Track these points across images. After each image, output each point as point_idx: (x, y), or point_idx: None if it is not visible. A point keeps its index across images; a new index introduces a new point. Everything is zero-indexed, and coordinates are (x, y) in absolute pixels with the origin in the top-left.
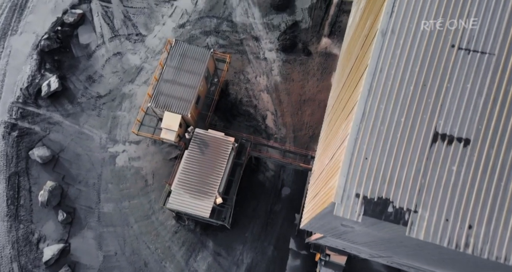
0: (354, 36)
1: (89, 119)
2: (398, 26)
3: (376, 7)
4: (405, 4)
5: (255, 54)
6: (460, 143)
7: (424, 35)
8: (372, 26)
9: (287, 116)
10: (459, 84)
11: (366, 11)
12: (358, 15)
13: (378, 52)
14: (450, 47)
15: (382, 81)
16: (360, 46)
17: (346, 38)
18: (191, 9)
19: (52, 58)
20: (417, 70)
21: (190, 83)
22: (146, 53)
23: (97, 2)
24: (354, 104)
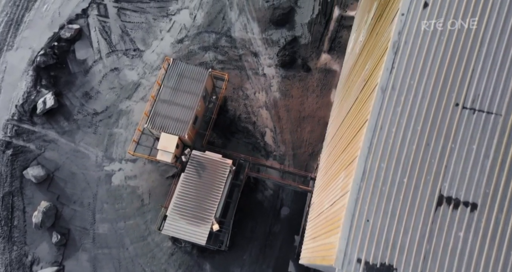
0: (354, 71)
1: (85, 137)
2: (399, 83)
3: (376, 53)
4: (405, 61)
5: (254, 70)
6: (467, 208)
7: (426, 93)
8: (371, 73)
9: (286, 133)
10: (464, 145)
11: (366, 50)
12: (358, 47)
13: (378, 108)
14: (454, 105)
15: (383, 139)
16: (359, 89)
17: (346, 64)
18: (190, 24)
19: (48, 74)
20: (419, 129)
21: (187, 104)
22: (144, 68)
23: (94, 16)
24: (354, 158)
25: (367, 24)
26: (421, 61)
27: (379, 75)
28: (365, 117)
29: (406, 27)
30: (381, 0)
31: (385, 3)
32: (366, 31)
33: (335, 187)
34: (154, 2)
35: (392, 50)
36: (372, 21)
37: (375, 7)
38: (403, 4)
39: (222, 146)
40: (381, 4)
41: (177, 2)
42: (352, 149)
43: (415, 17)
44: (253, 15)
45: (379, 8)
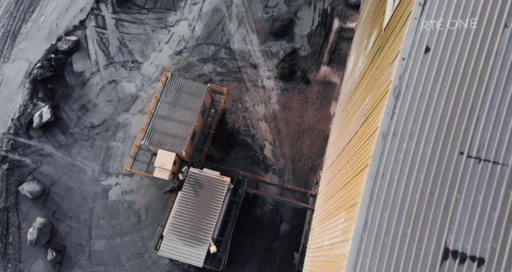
0: (354, 98)
1: (81, 151)
2: (401, 129)
3: (377, 91)
4: (407, 106)
5: (253, 82)
6: (474, 263)
7: (429, 140)
8: (371, 111)
9: (285, 146)
10: (470, 196)
11: (366, 81)
12: (357, 73)
13: (379, 155)
14: (458, 154)
15: (385, 187)
16: (359, 122)
17: (346, 85)
18: (189, 35)
19: (45, 87)
20: (422, 178)
21: (185, 120)
22: (142, 81)
23: (92, 28)
24: (354, 202)
25: (367, 51)
26: (423, 107)
27: (380, 118)
28: (365, 161)
29: (407, 72)
30: (381, 33)
31: (385, 37)
32: (366, 58)
33: (335, 224)
34: (153, 13)
35: (393, 94)
36: (372, 51)
37: (375, 36)
38: (404, 48)
39: (220, 159)
40: (381, 36)
41: (175, 13)
42: (353, 191)
43: (417, 62)
44: (252, 27)
45: (379, 40)
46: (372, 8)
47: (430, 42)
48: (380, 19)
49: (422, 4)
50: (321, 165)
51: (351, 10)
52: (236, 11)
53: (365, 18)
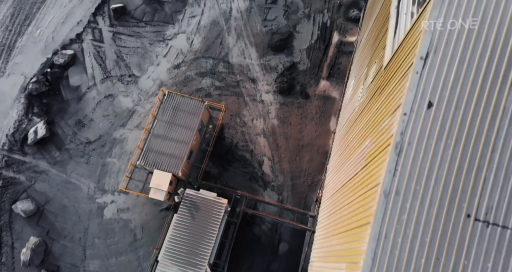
0: (353, 132)
1: (77, 167)
2: (403, 188)
3: (377, 140)
4: (409, 164)
5: (251, 96)
6: None
7: (434, 201)
8: (372, 158)
9: (284, 162)
10: (478, 262)
11: (366, 120)
12: (357, 104)
13: (382, 215)
14: (465, 216)
15: (388, 250)
16: (359, 164)
17: (345, 110)
18: (187, 49)
19: (41, 102)
20: (428, 241)
21: (182, 139)
22: (139, 95)
23: (89, 41)
24: (356, 261)
25: (367, 83)
26: (427, 165)
27: (381, 174)
28: (366, 218)
29: (409, 128)
30: (381, 70)
31: (386, 79)
32: (365, 91)
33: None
34: (150, 26)
35: (394, 151)
36: (372, 87)
37: (374, 71)
38: (406, 103)
39: (218, 176)
40: (381, 75)
41: (173, 27)
42: (354, 245)
43: (419, 118)
44: (251, 40)
45: (379, 79)
46: (372, 36)
47: (433, 97)
48: (380, 53)
49: (423, 58)
50: (321, 183)
51: (350, 23)
52: (234, 25)
53: (365, 43)
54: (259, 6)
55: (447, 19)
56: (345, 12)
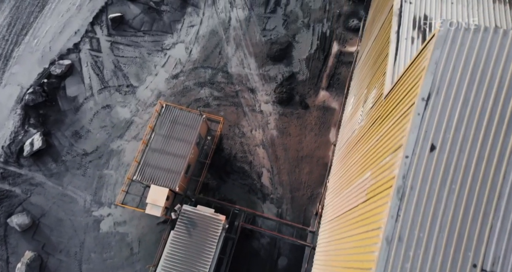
0: (353, 157)
1: (73, 179)
2: (406, 235)
3: (378, 178)
4: (412, 209)
5: (250, 107)
6: None
7: (439, 249)
8: (374, 195)
9: (284, 174)
10: None
11: (365, 150)
12: (357, 128)
13: (384, 262)
14: (471, 267)
15: None
16: (360, 198)
17: (344, 129)
18: (185, 59)
19: (37, 113)
20: None
21: (179, 153)
22: (137, 105)
23: (86, 51)
24: None
25: (366, 108)
26: (430, 211)
27: (383, 218)
28: (369, 264)
29: (412, 172)
30: (381, 99)
31: (386, 111)
32: (365, 117)
33: None
34: (149, 36)
35: (396, 195)
36: (371, 114)
37: (374, 97)
38: (407, 145)
39: (216, 188)
40: (382, 105)
41: (172, 36)
42: None
43: (422, 161)
44: (250, 50)
45: (379, 108)
46: (372, 56)
47: (435, 139)
48: (380, 79)
49: (425, 99)
50: (320, 196)
51: (350, 33)
52: (233, 34)
53: (365, 62)
54: (258, 16)
55: (449, 59)
56: (344, 21)
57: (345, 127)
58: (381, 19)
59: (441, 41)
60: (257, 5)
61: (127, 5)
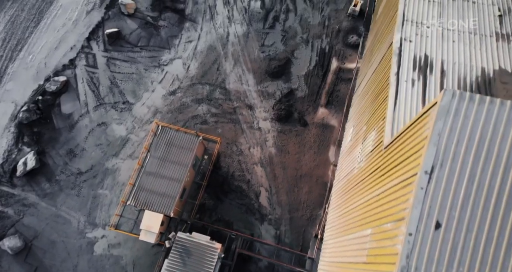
0: (354, 202)
1: (67, 200)
2: None
3: (381, 235)
4: None
5: (248, 124)
6: None
7: None
8: (375, 259)
9: (282, 194)
10: None
11: (367, 200)
12: (356, 167)
13: None
14: None
15: None
16: (360, 254)
17: (343, 156)
18: (183, 75)
19: (31, 131)
20: None
21: (175, 176)
22: (133, 123)
23: (82, 67)
24: None
25: (366, 149)
26: (434, 261)
27: None
28: None
29: (416, 251)
30: (382, 150)
31: (387, 165)
32: (365, 159)
33: None
34: (146, 51)
35: None
36: (371, 159)
37: (374, 140)
38: (411, 221)
39: (213, 208)
40: (382, 156)
41: (169, 52)
42: None
43: (426, 240)
44: (248, 66)
45: (380, 160)
46: (371, 91)
47: (441, 216)
48: (380, 123)
49: (428, 173)
50: (320, 218)
51: (349, 49)
52: (232, 50)
53: (365, 94)
54: (257, 31)
55: (453, 131)
56: (344, 37)
57: (344, 159)
58: (381, 51)
59: (444, 111)
60: (255, 21)
61: (124, 20)
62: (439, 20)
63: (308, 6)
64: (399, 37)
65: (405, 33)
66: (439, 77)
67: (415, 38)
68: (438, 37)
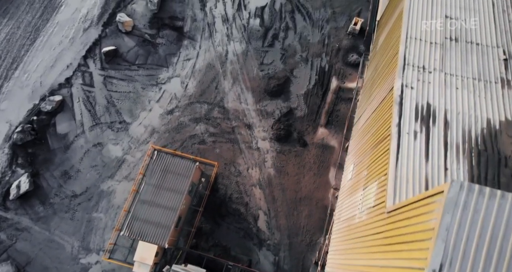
0: (356, 250)
1: (61, 224)
2: None
3: None
4: None
5: (247, 143)
6: None
7: None
8: None
9: (281, 217)
10: None
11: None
12: (357, 217)
13: None
14: None
15: None
16: None
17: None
18: (181, 93)
19: (25, 152)
20: None
21: (170, 205)
22: (129, 143)
23: (78, 86)
24: None
25: (368, 203)
26: None
27: None
28: None
29: None
30: (384, 213)
31: (391, 236)
32: (366, 212)
33: None
34: (143, 69)
35: None
36: (373, 216)
37: (374, 193)
38: None
39: (210, 232)
40: (385, 220)
41: (167, 70)
42: None
43: None
44: (247, 85)
45: (382, 222)
46: (372, 139)
47: None
48: (382, 177)
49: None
50: (320, 245)
51: (349, 68)
52: (230, 68)
53: (365, 134)
54: (256, 49)
55: (462, 227)
56: (344, 56)
57: (345, 197)
58: (381, 91)
59: (452, 204)
60: (254, 39)
61: (121, 37)
62: (442, 64)
63: (307, 24)
64: (400, 84)
65: (406, 79)
66: (442, 129)
67: (417, 85)
68: (440, 84)
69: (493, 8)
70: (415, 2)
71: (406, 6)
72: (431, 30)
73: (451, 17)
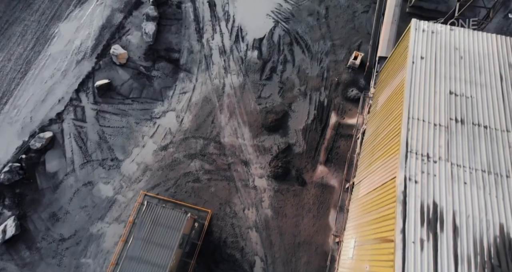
0: None
1: (47, 270)
2: None
3: None
4: None
5: (243, 181)
6: None
7: None
8: None
9: (279, 264)
10: None
11: None
12: None
13: None
14: None
15: None
16: None
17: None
18: (176, 128)
19: (13, 192)
20: None
21: (159, 262)
22: (121, 182)
23: (70, 121)
24: None
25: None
26: None
27: None
28: None
29: None
30: None
31: None
32: None
33: None
34: (137, 103)
35: None
36: None
37: None
38: None
39: None
40: None
41: (162, 104)
42: None
43: None
44: (244, 119)
45: None
46: (372, 219)
47: None
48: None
49: None
50: None
51: (349, 104)
52: (227, 102)
53: (365, 210)
54: (254, 82)
55: None
56: (343, 91)
57: (346, 261)
58: (383, 167)
59: None
60: (252, 71)
61: (115, 70)
62: (448, 152)
63: (306, 56)
64: (403, 177)
65: (409, 171)
66: (451, 237)
67: (421, 178)
68: (447, 177)
69: (501, 82)
70: (417, 75)
71: (408, 79)
72: (434, 109)
73: (456, 93)
